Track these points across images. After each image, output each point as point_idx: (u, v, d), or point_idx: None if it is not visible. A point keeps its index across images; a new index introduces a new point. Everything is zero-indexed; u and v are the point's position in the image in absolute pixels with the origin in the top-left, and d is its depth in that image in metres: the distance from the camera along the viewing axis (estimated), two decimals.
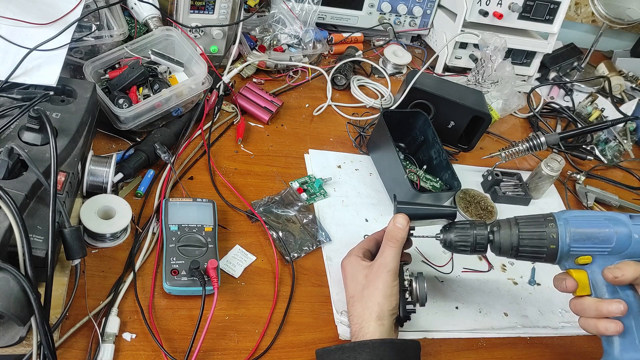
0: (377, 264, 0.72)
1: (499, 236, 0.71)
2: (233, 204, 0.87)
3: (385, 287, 0.70)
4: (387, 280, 0.70)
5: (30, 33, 0.81)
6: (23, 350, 0.60)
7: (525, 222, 0.70)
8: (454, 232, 0.73)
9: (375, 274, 0.71)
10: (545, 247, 0.68)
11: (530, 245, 0.69)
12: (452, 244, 0.73)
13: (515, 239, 0.70)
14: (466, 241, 0.72)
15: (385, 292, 0.70)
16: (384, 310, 0.69)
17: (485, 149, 1.15)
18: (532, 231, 0.69)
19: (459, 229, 0.73)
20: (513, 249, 0.70)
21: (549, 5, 1.28)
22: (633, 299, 0.66)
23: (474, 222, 0.73)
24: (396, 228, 0.73)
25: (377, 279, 0.71)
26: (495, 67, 1.15)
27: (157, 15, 1.05)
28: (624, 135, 1.27)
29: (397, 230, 0.73)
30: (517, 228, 0.70)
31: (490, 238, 0.72)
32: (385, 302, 0.69)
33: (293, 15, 1.19)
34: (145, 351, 0.67)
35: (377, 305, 0.69)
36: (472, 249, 0.72)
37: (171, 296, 0.73)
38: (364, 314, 0.70)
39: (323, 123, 1.10)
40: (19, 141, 0.66)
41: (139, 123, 0.89)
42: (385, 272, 0.70)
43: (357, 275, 0.74)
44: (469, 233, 0.72)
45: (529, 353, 0.82)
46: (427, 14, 1.37)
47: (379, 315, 0.69)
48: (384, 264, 0.71)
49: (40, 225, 0.61)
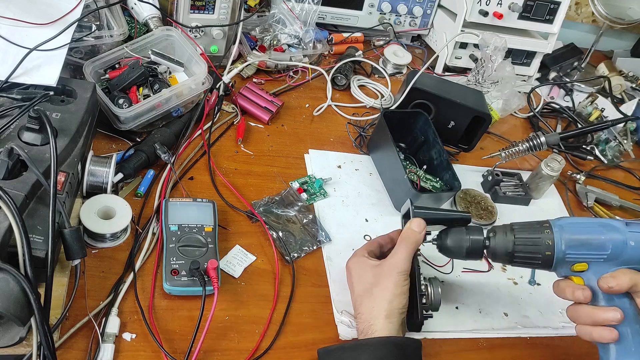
0: (388, 263, 0.72)
1: (494, 242, 0.71)
2: (233, 204, 0.87)
3: (395, 286, 0.69)
4: (398, 281, 0.70)
5: (30, 33, 0.81)
6: (23, 351, 0.59)
7: (520, 228, 0.70)
8: (449, 237, 0.73)
9: (386, 273, 0.71)
10: (540, 253, 0.68)
11: (525, 252, 0.69)
12: (447, 249, 0.73)
13: (510, 245, 0.69)
14: (461, 246, 0.72)
15: (396, 292, 0.69)
16: (393, 308, 0.69)
17: (485, 149, 1.15)
18: (527, 237, 0.69)
19: (455, 234, 0.73)
20: (508, 254, 0.70)
21: (549, 5, 1.28)
22: (629, 306, 0.65)
23: (470, 227, 0.73)
24: (412, 232, 0.73)
25: (387, 278, 0.70)
26: (495, 67, 1.15)
27: (157, 15, 1.05)
28: (624, 135, 1.27)
29: (414, 234, 0.73)
30: (512, 234, 0.70)
31: (486, 244, 0.72)
32: (395, 301, 0.69)
33: (293, 15, 1.19)
34: (145, 351, 0.67)
35: (388, 303, 0.69)
36: (467, 254, 0.72)
37: (171, 296, 0.73)
38: (373, 312, 0.69)
39: (323, 123, 1.10)
40: (19, 141, 0.66)
41: (139, 123, 0.89)
42: (396, 273, 0.70)
43: (365, 275, 0.73)
44: (464, 238, 0.72)
45: (529, 353, 0.81)
46: (427, 14, 1.37)
47: (388, 313, 0.68)
48: (395, 264, 0.71)
49: (40, 226, 0.61)
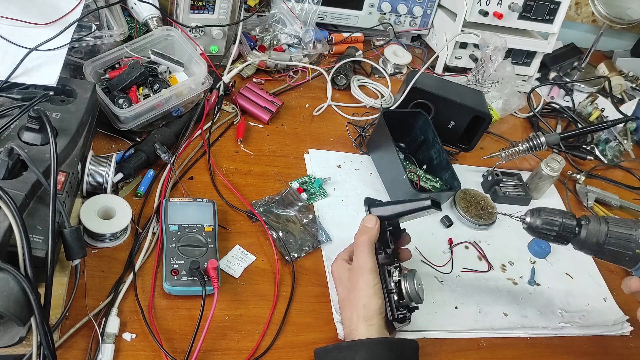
0: (355, 266, 0.73)
1: (587, 230, 0.71)
2: (233, 204, 0.87)
3: (366, 287, 0.70)
4: (367, 280, 0.70)
5: (30, 33, 0.81)
6: (23, 351, 0.60)
7: (615, 222, 0.70)
8: (541, 217, 0.72)
9: (355, 276, 0.72)
10: (630, 250, 0.68)
11: (616, 245, 0.69)
12: (537, 228, 0.73)
13: (603, 237, 0.69)
14: (552, 227, 0.72)
15: (368, 292, 0.70)
16: (370, 310, 0.69)
17: (485, 149, 1.15)
18: (622, 232, 0.69)
19: (547, 214, 0.72)
20: (597, 245, 0.70)
21: (549, 5, 1.28)
22: None
23: (564, 211, 0.73)
24: (366, 228, 0.74)
25: (357, 281, 0.71)
26: (495, 67, 1.15)
27: (157, 15, 1.05)
28: (624, 135, 1.27)
29: (367, 230, 0.73)
30: (606, 226, 0.70)
31: (576, 231, 0.71)
32: (370, 302, 0.69)
33: (293, 15, 1.19)
34: (145, 351, 0.67)
35: (363, 307, 0.69)
36: (556, 236, 0.72)
37: (171, 296, 0.73)
38: (353, 317, 0.70)
39: (323, 123, 1.10)
40: (19, 141, 0.66)
41: (139, 123, 0.89)
42: (363, 273, 0.71)
43: (343, 279, 0.75)
44: (557, 220, 0.72)
45: (529, 353, 0.82)
46: (427, 14, 1.37)
47: (366, 316, 0.69)
48: (359, 265, 0.72)
49: (40, 225, 0.61)
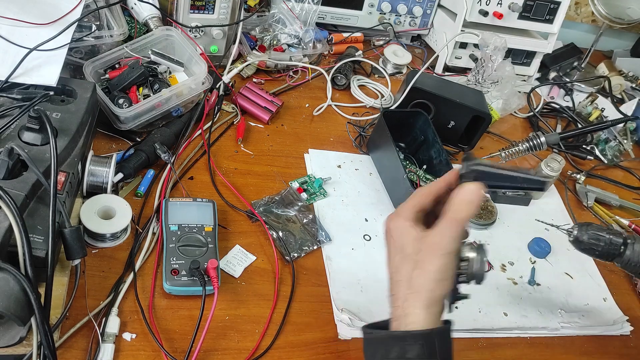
0: (431, 242, 0.57)
1: (632, 249, 0.70)
2: (233, 204, 0.87)
3: (438, 271, 0.56)
4: (442, 264, 0.56)
5: (30, 33, 0.81)
6: (23, 350, 0.60)
7: None
8: (588, 232, 0.72)
9: (428, 255, 0.57)
10: None
11: None
12: (583, 243, 0.72)
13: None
14: (598, 243, 0.71)
15: (438, 277, 0.56)
16: (435, 296, 0.56)
17: (485, 148, 1.15)
18: None
19: (595, 230, 0.72)
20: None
21: (549, 5, 1.28)
22: None
23: (611, 229, 0.73)
24: (464, 203, 0.57)
25: (429, 261, 0.56)
26: (495, 67, 1.15)
27: (157, 15, 1.05)
28: (624, 135, 1.27)
29: (465, 206, 0.57)
30: None
31: (621, 249, 0.71)
32: (437, 288, 0.56)
33: (293, 15, 1.19)
34: (145, 351, 0.67)
35: (428, 292, 0.56)
36: (601, 252, 0.72)
37: (171, 296, 0.73)
38: (409, 299, 0.57)
39: (323, 123, 1.10)
40: (19, 141, 0.66)
41: (139, 123, 0.89)
42: (440, 255, 0.56)
43: (406, 247, 0.58)
44: (603, 236, 0.71)
45: (529, 353, 0.82)
46: (427, 14, 1.37)
47: (429, 302, 0.56)
48: (439, 244, 0.56)
49: (40, 225, 0.61)
